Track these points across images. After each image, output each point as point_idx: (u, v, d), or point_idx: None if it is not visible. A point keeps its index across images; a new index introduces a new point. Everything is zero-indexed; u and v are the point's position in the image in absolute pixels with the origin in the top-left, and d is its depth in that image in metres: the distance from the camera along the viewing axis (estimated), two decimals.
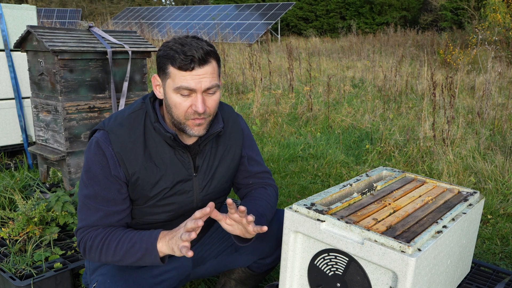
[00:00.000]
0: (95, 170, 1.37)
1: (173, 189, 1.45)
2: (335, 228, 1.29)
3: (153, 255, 1.29)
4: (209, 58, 1.33)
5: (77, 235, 1.40)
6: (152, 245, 1.29)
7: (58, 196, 2.17)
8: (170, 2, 42.36)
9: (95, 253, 1.35)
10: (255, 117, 5.35)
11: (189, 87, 1.31)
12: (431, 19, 21.18)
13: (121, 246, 1.32)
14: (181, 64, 1.29)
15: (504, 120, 4.73)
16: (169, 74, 1.33)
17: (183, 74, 1.30)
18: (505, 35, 9.85)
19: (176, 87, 1.32)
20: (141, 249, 1.30)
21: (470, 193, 1.67)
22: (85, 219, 1.38)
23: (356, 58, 11.37)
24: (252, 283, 1.78)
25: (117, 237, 1.34)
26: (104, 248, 1.33)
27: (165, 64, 1.33)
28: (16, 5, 3.37)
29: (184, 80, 1.30)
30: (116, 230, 1.36)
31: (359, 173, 3.63)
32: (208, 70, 1.32)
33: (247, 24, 19.39)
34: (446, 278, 1.48)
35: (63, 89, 2.55)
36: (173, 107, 1.35)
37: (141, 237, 1.32)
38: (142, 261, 1.32)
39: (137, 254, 1.31)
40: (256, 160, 1.66)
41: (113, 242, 1.33)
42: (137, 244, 1.31)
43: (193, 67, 1.29)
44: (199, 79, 1.31)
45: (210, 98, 1.37)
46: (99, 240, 1.34)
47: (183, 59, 1.29)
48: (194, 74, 1.30)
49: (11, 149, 3.55)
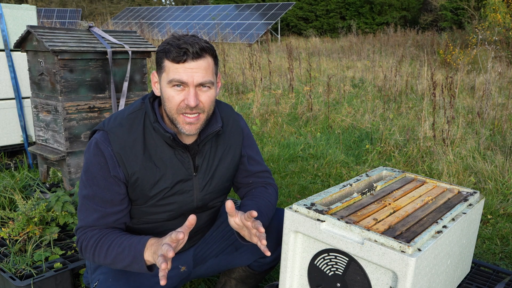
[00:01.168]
0: (93, 170, 1.37)
1: (173, 189, 1.45)
2: (335, 228, 1.29)
3: (140, 263, 1.27)
4: (204, 53, 1.33)
5: (76, 234, 1.41)
6: (139, 254, 1.27)
7: (58, 196, 2.17)
8: (170, 2, 42.36)
9: (89, 253, 1.36)
10: (255, 117, 5.35)
11: (181, 79, 1.31)
12: (431, 19, 21.18)
13: (111, 251, 1.32)
14: (174, 56, 1.30)
15: (504, 120, 4.73)
16: (164, 67, 1.34)
17: (176, 67, 1.31)
18: (505, 35, 9.85)
19: (169, 80, 1.32)
20: (129, 256, 1.29)
21: (470, 193, 1.67)
22: (83, 219, 1.39)
23: (356, 58, 11.37)
24: (252, 282, 1.79)
25: (109, 240, 1.33)
26: (97, 250, 1.33)
27: (161, 58, 1.35)
28: (16, 5, 3.37)
29: (177, 73, 1.31)
30: (109, 233, 1.36)
31: (359, 173, 3.63)
32: (202, 65, 1.33)
33: (247, 24, 19.38)
34: (446, 278, 1.48)
35: (63, 89, 2.55)
36: (167, 100, 1.36)
37: (129, 244, 1.30)
38: (131, 267, 1.30)
39: (125, 260, 1.30)
40: (256, 159, 1.66)
41: (105, 245, 1.33)
42: (126, 250, 1.30)
43: (185, 59, 1.30)
44: (191, 72, 1.31)
45: (204, 93, 1.36)
46: (93, 242, 1.34)
47: (176, 51, 1.29)
48: (186, 66, 1.31)
49: (11, 149, 3.55)
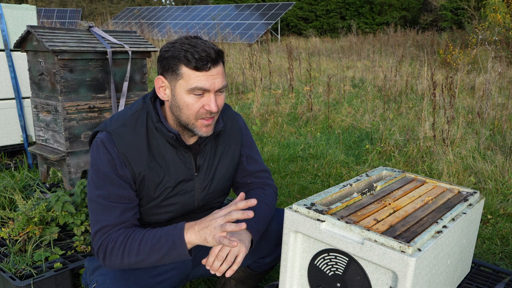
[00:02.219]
0: (105, 169, 1.35)
1: (175, 189, 1.45)
2: (335, 228, 1.29)
3: (181, 247, 1.25)
4: (219, 58, 1.34)
5: (95, 240, 1.34)
6: (179, 237, 1.25)
7: (58, 196, 2.17)
8: (170, 2, 42.35)
9: (116, 255, 1.30)
10: (255, 117, 5.35)
11: (203, 87, 1.31)
12: (431, 19, 21.18)
13: (144, 243, 1.28)
14: (198, 65, 1.29)
15: (504, 120, 4.73)
16: (182, 75, 1.32)
17: (198, 75, 1.30)
18: (505, 35, 9.85)
19: (190, 88, 1.31)
20: (167, 243, 1.26)
21: (470, 193, 1.67)
22: (102, 220, 1.34)
23: (356, 58, 11.37)
24: (252, 283, 1.78)
25: (139, 235, 1.31)
26: (127, 248, 1.29)
27: (175, 65, 1.32)
28: (16, 5, 3.37)
29: (199, 81, 1.31)
30: (137, 229, 1.33)
31: (359, 173, 3.62)
32: (220, 70, 1.34)
33: (247, 24, 19.38)
34: (446, 278, 1.48)
35: (63, 89, 2.55)
36: (185, 107, 1.35)
37: (165, 231, 1.28)
38: (168, 256, 1.28)
39: (163, 249, 1.27)
40: (254, 158, 1.66)
41: (136, 240, 1.29)
42: (163, 238, 1.27)
43: (210, 67, 1.30)
44: (213, 79, 1.32)
45: (219, 97, 1.39)
46: (121, 241, 1.30)
47: (198, 59, 1.29)
48: (208, 74, 1.31)
49: (11, 149, 3.55)
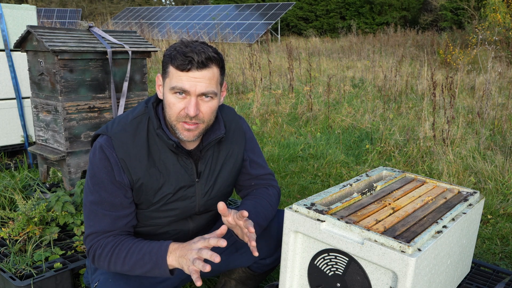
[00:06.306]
0: (100, 175, 1.36)
1: (175, 195, 1.45)
2: (335, 228, 1.29)
3: (162, 268, 1.28)
4: (210, 63, 1.31)
5: (85, 242, 1.38)
6: (161, 259, 1.28)
7: (58, 196, 2.17)
8: (170, 2, 42.34)
9: (103, 261, 1.34)
10: (255, 117, 5.35)
11: (183, 87, 1.30)
12: (431, 19, 21.17)
13: (130, 257, 1.31)
14: (179, 63, 1.29)
15: (504, 120, 4.73)
16: (168, 73, 1.33)
17: (179, 74, 1.30)
18: (505, 35, 9.85)
19: (171, 86, 1.32)
20: (150, 261, 1.29)
21: (470, 193, 1.67)
22: (93, 226, 1.37)
23: (356, 58, 11.37)
24: (252, 283, 1.78)
25: (126, 247, 1.33)
26: (113, 257, 1.32)
27: (166, 63, 1.34)
28: (16, 5, 3.37)
29: (180, 81, 1.30)
30: (125, 240, 1.35)
31: (359, 173, 3.62)
32: (206, 75, 1.31)
33: (247, 24, 19.38)
34: (446, 278, 1.48)
35: (63, 89, 2.55)
36: (168, 107, 1.35)
37: (150, 249, 1.30)
38: (151, 273, 1.31)
39: (146, 266, 1.30)
40: (258, 163, 1.65)
41: (122, 252, 1.32)
42: (146, 256, 1.29)
43: (190, 68, 1.29)
44: (194, 81, 1.30)
45: (205, 104, 1.35)
46: (108, 249, 1.33)
47: (182, 59, 1.29)
48: (190, 75, 1.30)
49: (11, 149, 3.55)
